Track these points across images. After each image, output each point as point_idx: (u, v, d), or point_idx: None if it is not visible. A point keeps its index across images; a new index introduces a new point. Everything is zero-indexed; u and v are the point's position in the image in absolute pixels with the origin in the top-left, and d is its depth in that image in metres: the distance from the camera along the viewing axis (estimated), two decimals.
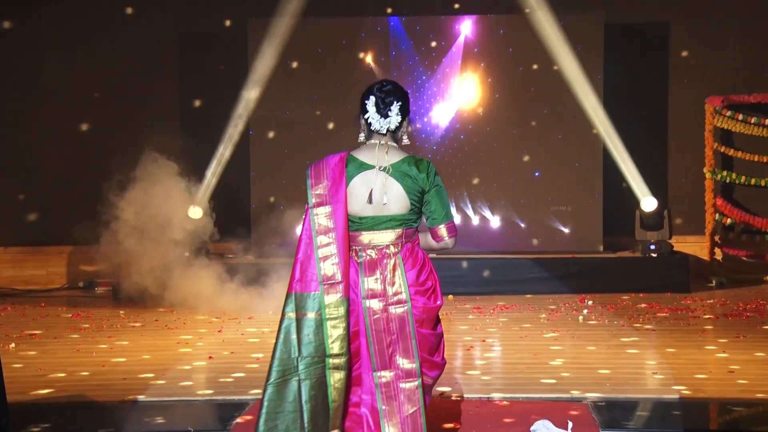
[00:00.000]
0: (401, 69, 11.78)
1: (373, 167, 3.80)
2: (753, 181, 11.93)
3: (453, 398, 5.82)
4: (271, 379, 3.63)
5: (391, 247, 3.78)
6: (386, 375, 3.73)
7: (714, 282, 11.41)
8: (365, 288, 3.74)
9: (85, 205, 10.57)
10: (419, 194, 3.80)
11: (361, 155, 3.85)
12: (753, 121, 11.81)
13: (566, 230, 11.65)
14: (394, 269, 3.77)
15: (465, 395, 5.87)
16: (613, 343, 7.67)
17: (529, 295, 10.56)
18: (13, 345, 7.83)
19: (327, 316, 3.64)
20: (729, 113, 11.88)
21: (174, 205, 10.21)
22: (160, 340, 8.12)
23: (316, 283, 3.68)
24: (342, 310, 3.66)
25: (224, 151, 11.42)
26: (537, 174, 11.73)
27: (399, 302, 3.73)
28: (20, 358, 7.29)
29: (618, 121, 11.41)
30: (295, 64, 11.68)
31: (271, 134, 11.77)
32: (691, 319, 8.86)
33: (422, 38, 11.80)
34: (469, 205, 11.75)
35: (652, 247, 11.10)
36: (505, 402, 5.68)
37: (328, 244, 3.68)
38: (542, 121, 11.74)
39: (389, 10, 11.91)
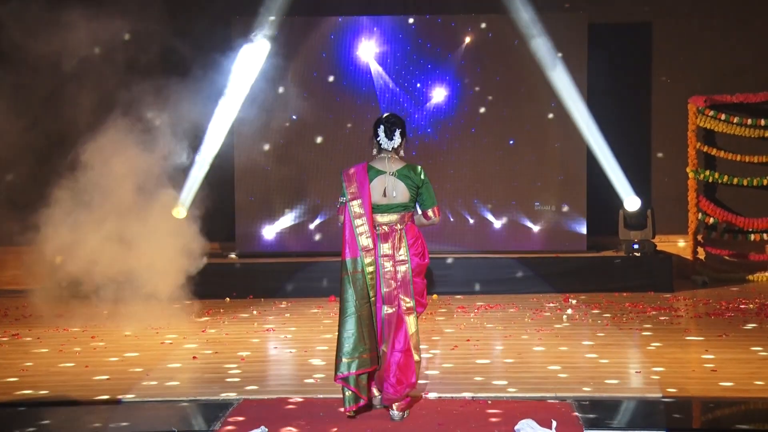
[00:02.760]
0: (390, 69, 11.79)
1: (385, 173, 5.60)
2: (735, 180, 12.01)
3: (437, 398, 5.83)
4: (342, 316, 5.45)
5: (398, 225, 5.60)
6: (389, 309, 5.53)
7: (697, 281, 11.48)
8: (381, 252, 5.55)
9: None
10: (416, 188, 5.62)
11: (376, 164, 5.63)
12: (735, 120, 11.88)
13: (550, 230, 11.68)
14: (400, 239, 5.59)
15: (449, 395, 5.88)
16: (596, 342, 7.70)
17: (513, 295, 10.59)
18: None
19: (366, 273, 5.48)
20: (712, 113, 11.94)
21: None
22: (144, 340, 8.10)
23: (358, 250, 5.48)
24: (373, 268, 5.51)
25: (208, 151, 11.37)
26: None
27: (402, 261, 5.56)
28: (3, 359, 7.26)
29: (602, 120, 11.45)
30: (280, 64, 11.67)
31: (255, 134, 11.74)
32: (675, 318, 8.90)
33: (412, 39, 11.80)
34: (458, 205, 11.76)
35: (636, 246, 11.15)
36: (489, 401, 5.69)
37: (362, 224, 5.51)
38: (526, 121, 11.76)
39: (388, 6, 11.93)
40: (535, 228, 11.71)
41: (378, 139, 5.63)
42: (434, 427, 5.16)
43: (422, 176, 5.63)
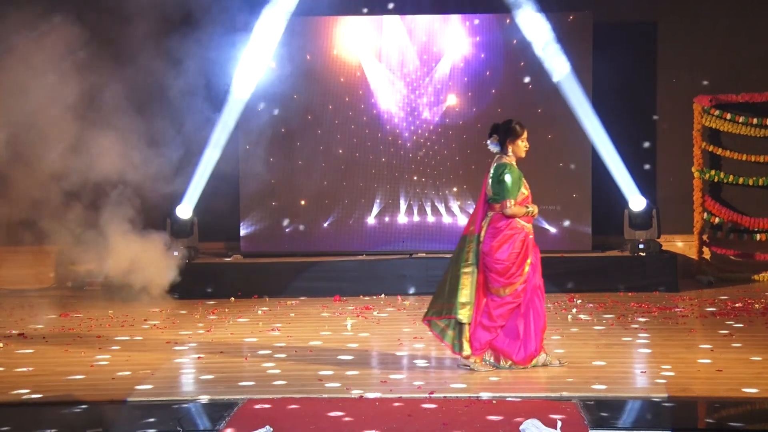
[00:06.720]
0: (392, 68, 11.80)
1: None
2: (741, 180, 11.98)
3: (442, 398, 5.83)
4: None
5: (489, 212, 6.68)
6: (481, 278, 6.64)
7: (702, 281, 11.46)
8: None
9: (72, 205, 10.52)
10: (495, 184, 6.64)
11: None
12: (741, 120, 11.86)
13: (555, 229, 11.67)
14: (485, 223, 6.68)
15: (454, 394, 5.88)
16: (601, 342, 7.69)
17: None
18: (1, 345, 7.81)
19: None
20: (717, 112, 11.92)
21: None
22: (150, 339, 8.10)
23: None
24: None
25: (213, 151, 11.37)
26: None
27: (482, 241, 6.68)
28: (8, 358, 7.27)
29: (607, 120, 11.43)
30: (284, 64, 11.67)
31: (260, 133, 11.75)
32: (680, 318, 8.89)
33: (414, 37, 11.81)
34: (461, 205, 11.77)
35: (641, 246, 11.14)
36: (494, 401, 5.68)
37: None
38: (532, 120, 11.73)
39: (390, 6, 11.92)
40: (540, 228, 11.69)
41: None
42: (439, 426, 5.15)
43: (497, 174, 6.57)
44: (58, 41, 9.70)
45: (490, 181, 6.64)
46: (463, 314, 6.54)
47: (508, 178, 6.58)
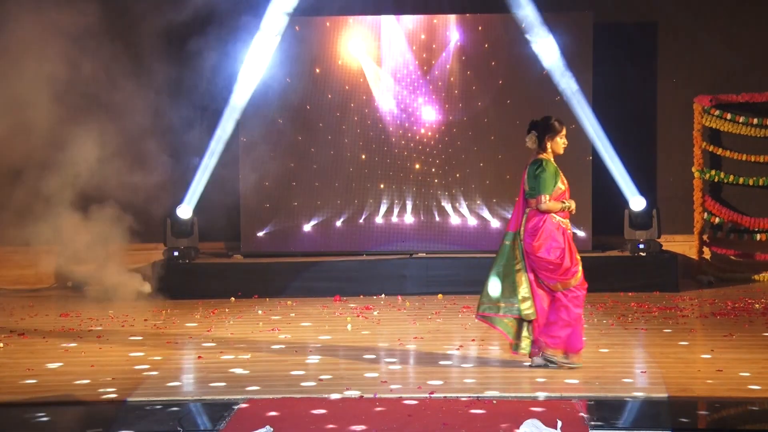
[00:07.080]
0: (393, 69, 11.80)
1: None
2: (741, 180, 11.99)
3: (442, 398, 5.83)
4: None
5: (526, 209, 6.65)
6: (531, 276, 6.61)
7: (703, 281, 11.46)
8: None
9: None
10: (531, 180, 6.64)
11: None
12: (741, 120, 11.87)
13: None
14: (523, 220, 6.63)
15: (454, 394, 5.88)
16: (602, 342, 7.69)
17: None
18: (0, 344, 7.81)
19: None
20: (717, 113, 11.93)
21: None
22: (150, 339, 8.10)
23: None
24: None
25: (214, 151, 11.38)
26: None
27: (522, 239, 6.63)
28: (8, 358, 7.27)
29: (607, 120, 11.43)
30: (284, 64, 11.67)
31: (260, 133, 11.76)
32: (680, 318, 8.89)
33: (414, 37, 11.82)
34: (461, 205, 11.76)
35: (641, 246, 11.14)
36: (494, 401, 5.68)
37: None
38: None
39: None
40: None
41: None
42: (439, 426, 5.15)
43: (533, 169, 6.58)
44: (60, 33, 9.72)
45: (527, 177, 6.67)
46: (526, 309, 6.54)
47: (543, 173, 6.59)
